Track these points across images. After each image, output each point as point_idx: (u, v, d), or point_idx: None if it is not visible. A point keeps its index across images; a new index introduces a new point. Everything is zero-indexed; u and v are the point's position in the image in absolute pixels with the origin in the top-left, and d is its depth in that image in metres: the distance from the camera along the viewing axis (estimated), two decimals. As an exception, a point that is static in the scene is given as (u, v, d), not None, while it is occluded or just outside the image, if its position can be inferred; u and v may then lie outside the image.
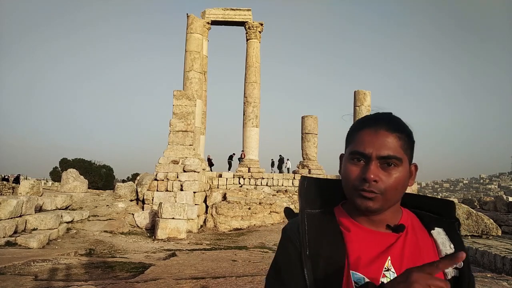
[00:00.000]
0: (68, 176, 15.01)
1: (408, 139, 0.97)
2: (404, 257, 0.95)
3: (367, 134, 0.96)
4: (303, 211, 1.03)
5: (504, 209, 16.27)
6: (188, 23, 21.61)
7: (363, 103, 22.92)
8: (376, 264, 0.93)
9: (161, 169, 14.57)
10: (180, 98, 16.22)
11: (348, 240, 0.97)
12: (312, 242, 0.97)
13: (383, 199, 0.93)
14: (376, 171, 0.93)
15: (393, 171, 0.93)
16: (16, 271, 5.67)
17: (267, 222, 14.74)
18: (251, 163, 23.10)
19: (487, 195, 55.56)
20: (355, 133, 0.99)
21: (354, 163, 0.96)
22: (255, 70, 24.55)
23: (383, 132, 0.95)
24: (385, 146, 0.93)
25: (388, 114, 1.01)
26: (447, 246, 1.01)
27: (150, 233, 11.55)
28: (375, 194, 0.92)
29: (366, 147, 0.94)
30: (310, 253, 0.95)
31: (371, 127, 0.96)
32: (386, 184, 0.92)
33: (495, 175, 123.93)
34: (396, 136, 0.95)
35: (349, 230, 0.98)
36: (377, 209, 0.94)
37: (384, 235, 0.98)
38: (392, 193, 0.94)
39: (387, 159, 0.93)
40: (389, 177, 0.93)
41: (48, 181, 41.25)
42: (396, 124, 0.97)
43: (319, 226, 1.00)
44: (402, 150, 0.95)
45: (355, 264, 0.93)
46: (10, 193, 21.03)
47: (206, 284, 4.95)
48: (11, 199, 8.87)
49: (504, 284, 5.23)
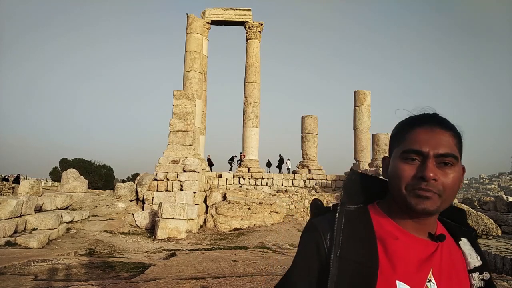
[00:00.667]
0: (68, 176, 15.00)
1: (460, 139, 0.95)
2: (442, 269, 0.92)
3: (422, 132, 0.92)
4: (343, 205, 0.97)
5: (504, 209, 16.27)
6: (188, 23, 21.62)
7: (363, 103, 22.92)
8: (420, 274, 0.90)
9: (161, 169, 14.57)
10: (180, 98, 16.22)
11: (391, 246, 0.91)
12: (346, 243, 0.90)
13: (440, 200, 0.89)
14: (434, 170, 0.89)
15: (450, 170, 0.90)
16: (16, 271, 5.66)
17: (267, 222, 14.74)
18: (251, 163, 23.10)
19: (487, 195, 55.55)
20: (405, 133, 0.95)
21: (408, 162, 0.92)
22: (255, 70, 24.55)
23: (439, 130, 0.92)
24: (442, 144, 0.90)
25: (437, 114, 0.97)
26: (475, 258, 0.98)
27: (150, 233, 11.55)
28: (432, 193, 0.88)
29: (422, 145, 0.90)
30: (341, 255, 0.88)
31: (424, 125, 0.93)
32: (444, 184, 0.89)
33: (495, 175, 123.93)
34: (451, 135, 0.93)
35: (393, 236, 0.93)
36: (434, 210, 0.89)
37: (426, 243, 0.94)
38: (449, 193, 0.90)
39: (444, 157, 0.90)
40: (446, 177, 0.89)
41: (48, 181, 41.23)
42: (448, 123, 0.95)
43: (354, 225, 0.93)
44: (457, 149, 0.93)
45: (400, 273, 0.88)
46: (10, 193, 21.03)
47: (206, 284, 4.95)
48: (11, 199, 8.87)
49: (504, 284, 5.23)
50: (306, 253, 0.94)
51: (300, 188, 22.07)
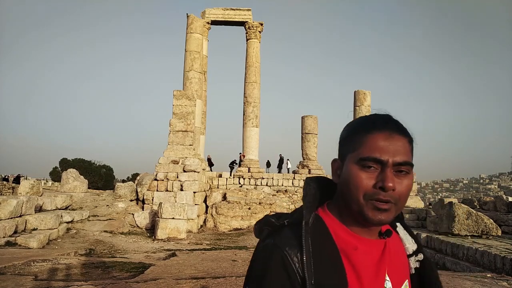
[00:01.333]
0: (68, 176, 15.00)
1: (412, 144, 0.91)
2: (392, 263, 0.93)
3: (381, 138, 0.87)
4: (307, 224, 0.88)
5: (504, 209, 16.26)
6: (188, 23, 21.61)
7: (363, 103, 22.92)
8: (379, 278, 0.89)
9: (161, 169, 14.57)
10: (180, 98, 16.22)
11: (353, 258, 0.87)
12: (317, 267, 0.83)
13: (395, 210, 0.87)
14: (393, 179, 0.85)
15: (405, 179, 0.87)
16: (16, 271, 5.66)
17: (267, 222, 14.75)
18: (251, 163, 23.10)
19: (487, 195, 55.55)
20: (361, 137, 0.88)
21: (365, 170, 0.86)
22: (255, 70, 24.55)
23: (397, 136, 0.87)
24: (400, 151, 0.86)
25: (390, 116, 0.92)
26: (411, 242, 1.00)
27: (150, 233, 11.55)
28: (389, 205, 0.85)
29: (382, 153, 0.85)
30: (315, 282, 0.81)
31: (383, 130, 0.88)
32: (400, 193, 0.86)
33: (495, 175, 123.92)
34: (407, 141, 0.89)
35: (348, 245, 0.89)
36: (389, 221, 0.87)
37: (377, 243, 0.93)
38: (403, 201, 0.87)
39: (401, 166, 0.86)
40: (401, 185, 0.86)
41: (48, 181, 41.21)
42: (403, 127, 0.91)
43: (318, 244, 0.86)
44: (411, 155, 0.89)
45: (366, 285, 0.86)
46: (10, 193, 21.03)
47: (206, 284, 4.95)
48: (11, 199, 8.87)
49: (504, 284, 5.23)
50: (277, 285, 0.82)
51: (300, 188, 22.06)
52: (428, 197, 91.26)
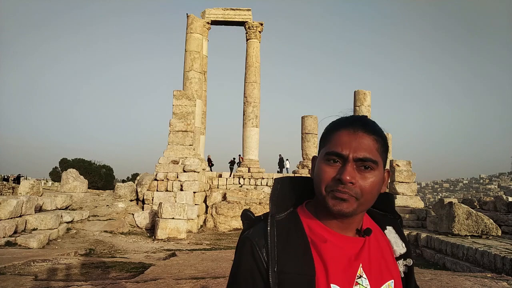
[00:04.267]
0: (68, 176, 15.00)
1: (384, 143, 0.95)
2: (371, 261, 0.94)
3: (344, 135, 0.92)
4: (272, 217, 0.95)
5: (504, 209, 16.27)
6: (188, 23, 21.62)
7: (363, 103, 22.92)
8: (349, 272, 0.91)
9: (161, 169, 14.56)
10: (180, 98, 16.22)
11: (322, 249, 0.91)
12: (281, 256, 0.89)
13: (357, 203, 0.90)
14: (352, 173, 0.89)
15: (369, 174, 0.90)
16: (16, 271, 5.67)
17: (267, 222, 14.75)
18: (251, 163, 23.10)
19: (487, 195, 55.56)
20: (330, 134, 0.95)
21: (329, 164, 0.92)
22: (255, 70, 24.56)
23: (361, 134, 0.92)
24: (362, 147, 0.90)
25: (364, 117, 0.98)
26: (400, 245, 1.03)
27: (150, 233, 11.55)
28: (349, 196, 0.89)
29: (343, 148, 0.91)
30: (278, 269, 0.88)
31: (348, 128, 0.93)
32: (362, 187, 0.89)
33: (495, 175, 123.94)
34: (373, 139, 0.92)
35: (322, 239, 0.93)
36: (350, 212, 0.90)
37: (353, 240, 0.95)
38: (367, 197, 0.90)
39: (364, 161, 0.90)
40: (365, 180, 0.90)
41: (48, 181, 41.23)
42: (373, 126, 0.95)
43: (287, 235, 0.92)
44: (378, 153, 0.92)
45: (333, 276, 0.89)
46: (10, 193, 21.04)
47: (206, 284, 4.95)
48: (11, 199, 8.87)
49: (504, 284, 5.23)
50: (247, 271, 0.91)
51: (300, 188, 22.06)
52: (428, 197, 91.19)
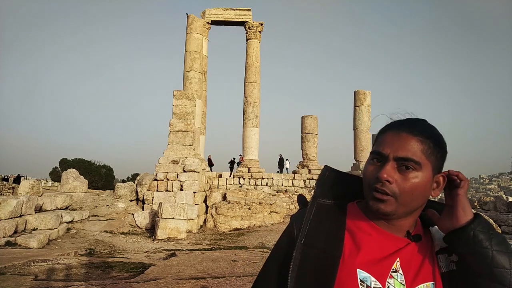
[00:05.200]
0: (68, 176, 15.00)
1: (434, 145, 0.93)
2: (413, 260, 0.94)
3: (389, 136, 0.95)
4: (315, 199, 1.02)
5: (504, 209, 16.28)
6: (188, 23, 21.62)
7: (363, 103, 22.91)
8: (384, 264, 0.92)
9: (161, 169, 14.57)
10: (180, 98, 16.22)
11: (358, 237, 0.95)
12: (312, 232, 0.95)
13: (396, 203, 0.90)
14: (390, 172, 0.90)
15: (410, 175, 0.90)
16: (16, 271, 5.67)
17: (267, 222, 14.74)
18: (251, 163, 23.10)
19: (487, 195, 55.52)
20: (379, 136, 0.99)
21: (373, 163, 0.95)
22: (255, 70, 24.56)
23: (405, 135, 0.93)
24: (403, 147, 0.91)
25: (417, 120, 0.98)
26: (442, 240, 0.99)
27: (150, 233, 11.55)
28: (387, 197, 0.90)
29: (385, 147, 0.93)
30: (305, 242, 0.94)
31: (394, 129, 0.95)
32: (401, 187, 0.90)
33: (495, 175, 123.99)
34: (418, 140, 0.92)
35: (365, 232, 0.96)
36: (388, 212, 0.91)
37: (398, 238, 0.96)
38: (406, 197, 0.90)
39: (404, 161, 0.90)
40: (405, 180, 0.90)
41: (48, 181, 41.24)
42: (421, 128, 0.94)
43: (325, 217, 0.98)
44: (424, 155, 0.91)
45: (363, 263, 0.91)
46: (10, 193, 21.05)
47: (206, 284, 4.95)
48: (11, 199, 8.87)
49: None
50: (281, 242, 1.03)
51: (300, 188, 22.07)
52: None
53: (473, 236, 0.88)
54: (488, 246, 0.87)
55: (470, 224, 0.89)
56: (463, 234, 0.89)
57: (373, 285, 0.90)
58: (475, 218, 0.90)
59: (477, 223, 0.89)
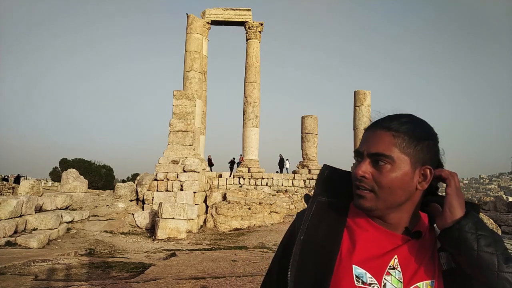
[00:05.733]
0: (68, 176, 15.00)
1: (410, 138, 0.92)
2: (412, 258, 0.93)
3: (367, 134, 0.98)
4: (315, 197, 1.04)
5: (504, 209, 16.28)
6: (188, 23, 21.61)
7: (363, 103, 22.91)
8: (381, 260, 0.92)
9: (161, 169, 14.57)
10: (180, 98, 16.22)
11: (356, 234, 0.96)
12: (311, 229, 0.98)
13: (376, 198, 0.91)
14: (365, 168, 0.93)
15: (385, 169, 0.91)
16: (16, 271, 5.67)
17: (267, 222, 14.74)
18: (251, 163, 23.10)
19: (487, 195, 55.54)
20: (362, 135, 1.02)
21: (356, 162, 0.98)
22: (255, 70, 24.55)
23: (379, 131, 0.94)
24: (375, 143, 0.93)
25: (396, 115, 0.97)
26: None
27: (150, 233, 11.55)
28: (366, 192, 0.92)
29: (362, 145, 0.97)
30: (304, 238, 0.97)
31: (372, 127, 0.97)
32: (377, 182, 0.91)
33: (495, 175, 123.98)
34: (390, 135, 0.92)
35: (362, 228, 0.97)
36: (369, 207, 0.92)
37: (395, 235, 0.95)
38: (384, 192, 0.91)
39: (376, 156, 0.92)
40: (380, 175, 0.91)
41: (48, 181, 41.25)
42: (395, 123, 0.94)
43: (326, 214, 1.00)
44: (398, 148, 0.91)
45: (359, 259, 0.92)
46: (10, 193, 21.05)
47: (206, 284, 4.95)
48: (11, 199, 8.87)
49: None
50: (284, 237, 1.07)
51: (300, 188, 22.07)
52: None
53: (458, 237, 0.85)
54: (474, 247, 0.83)
55: (455, 224, 0.86)
56: (449, 234, 0.87)
57: (369, 281, 0.90)
58: (463, 217, 0.87)
59: (464, 223, 0.85)
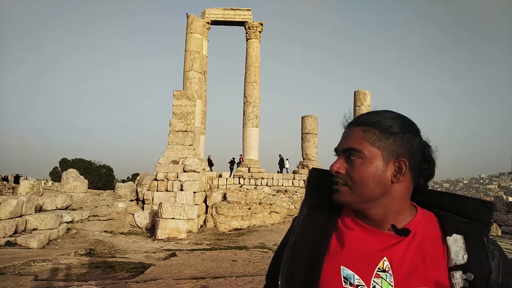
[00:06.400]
0: (68, 176, 14.99)
1: (381, 131, 0.93)
2: (405, 261, 0.89)
3: (343, 132, 1.01)
4: (305, 200, 1.07)
5: (504, 209, 16.27)
6: (188, 23, 21.60)
7: (363, 103, 22.91)
8: (369, 261, 0.90)
9: (161, 169, 14.56)
10: (180, 98, 16.21)
11: (344, 235, 0.96)
12: (302, 231, 1.00)
13: (350, 192, 0.94)
14: (340, 163, 0.96)
15: (356, 163, 0.93)
16: (16, 271, 5.67)
17: (267, 222, 14.74)
18: (251, 163, 23.09)
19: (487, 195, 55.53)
20: None
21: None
22: (255, 70, 24.54)
23: (352, 128, 0.98)
24: (347, 139, 0.97)
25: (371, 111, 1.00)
26: (460, 256, 0.89)
27: (150, 233, 11.55)
28: (340, 186, 0.95)
29: (338, 143, 1.00)
30: (295, 240, 0.99)
31: (348, 124, 1.01)
32: (350, 176, 0.94)
33: (495, 175, 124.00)
34: (360, 129, 0.95)
35: (348, 227, 0.97)
36: (343, 201, 0.95)
37: (385, 235, 0.93)
38: (357, 185, 0.92)
39: (347, 151, 0.96)
40: (352, 169, 0.94)
41: (48, 181, 41.25)
42: (366, 118, 0.97)
43: (317, 216, 1.02)
44: (367, 142, 0.93)
45: (346, 260, 0.92)
46: (10, 193, 21.04)
47: (206, 284, 4.95)
48: (11, 199, 8.86)
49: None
50: (283, 239, 1.08)
51: (300, 188, 22.07)
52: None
53: None
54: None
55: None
56: None
57: (357, 283, 0.89)
58: None
59: None
